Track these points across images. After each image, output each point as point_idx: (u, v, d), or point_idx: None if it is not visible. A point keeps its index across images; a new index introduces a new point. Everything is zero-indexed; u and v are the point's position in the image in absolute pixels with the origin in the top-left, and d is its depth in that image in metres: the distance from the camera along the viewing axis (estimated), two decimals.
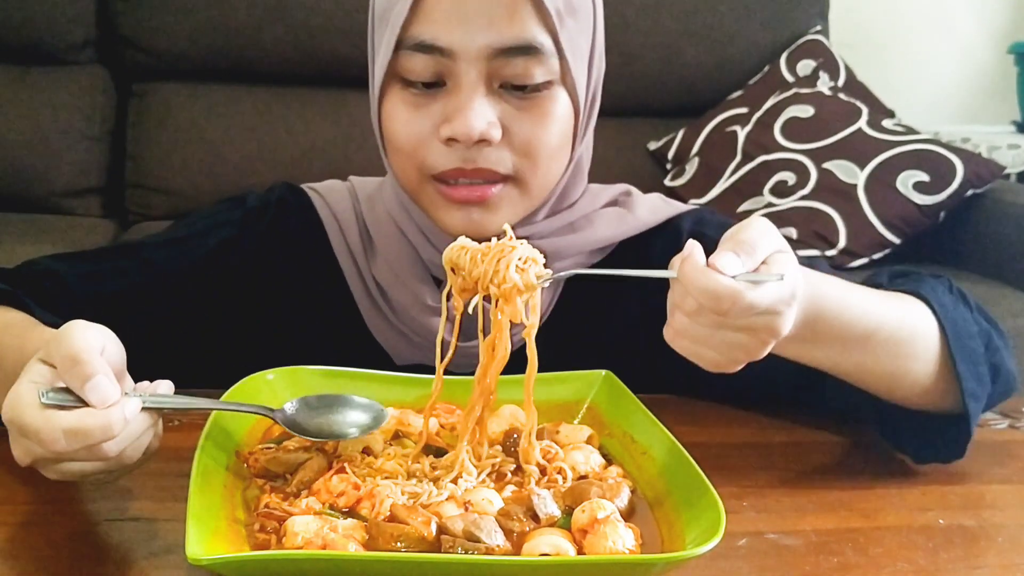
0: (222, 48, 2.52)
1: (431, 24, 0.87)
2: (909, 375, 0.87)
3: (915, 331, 0.87)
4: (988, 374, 0.90)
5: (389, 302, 1.00)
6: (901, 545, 0.76)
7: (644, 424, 0.84)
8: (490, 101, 0.89)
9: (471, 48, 0.87)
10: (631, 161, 2.63)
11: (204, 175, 2.48)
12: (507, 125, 0.90)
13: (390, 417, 0.86)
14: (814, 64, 2.65)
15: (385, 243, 1.00)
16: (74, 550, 0.70)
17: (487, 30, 0.86)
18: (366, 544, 0.67)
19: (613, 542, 0.67)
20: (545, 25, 0.88)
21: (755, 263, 0.71)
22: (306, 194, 1.07)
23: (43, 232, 2.24)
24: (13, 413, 0.68)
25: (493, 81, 0.89)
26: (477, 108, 0.87)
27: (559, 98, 0.91)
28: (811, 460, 0.92)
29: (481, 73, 0.88)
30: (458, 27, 0.86)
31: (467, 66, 0.87)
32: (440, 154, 0.90)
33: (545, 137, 0.91)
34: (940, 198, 2.29)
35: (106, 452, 0.67)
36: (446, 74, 0.89)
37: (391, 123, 0.92)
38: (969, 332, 0.90)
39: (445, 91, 0.89)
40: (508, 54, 0.87)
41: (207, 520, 0.66)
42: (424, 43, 0.87)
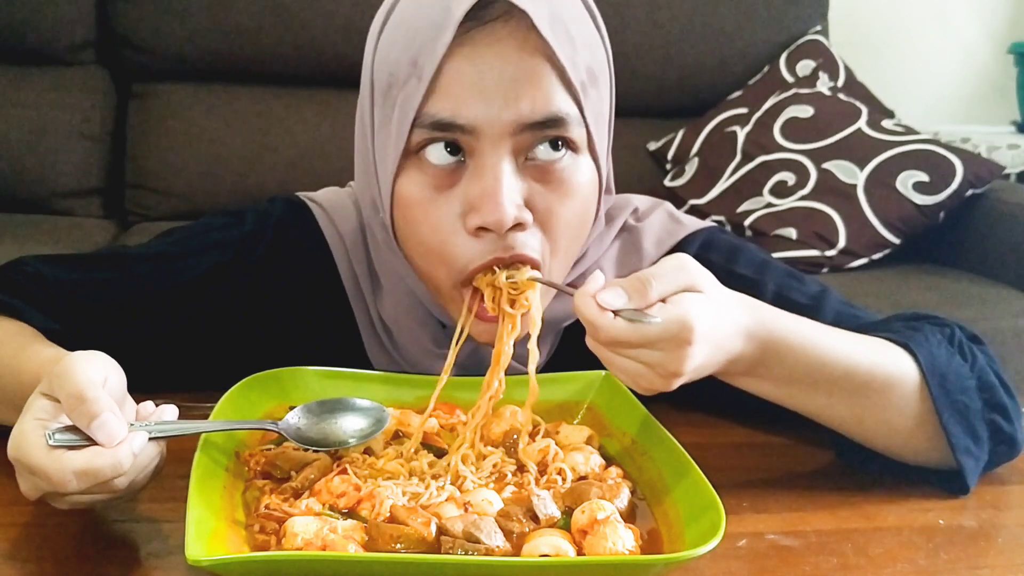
0: (222, 49, 2.52)
1: (450, 101, 0.79)
2: (882, 424, 0.85)
3: (889, 381, 0.84)
4: (985, 430, 0.86)
5: (393, 339, 0.97)
6: (901, 545, 0.76)
7: (644, 425, 0.84)
8: (517, 181, 0.81)
9: (495, 124, 0.79)
10: (631, 161, 2.63)
11: (204, 176, 2.47)
12: (533, 203, 0.83)
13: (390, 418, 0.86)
14: (814, 64, 2.65)
15: (390, 280, 0.96)
16: (75, 551, 0.70)
17: (511, 104, 0.79)
18: (366, 545, 0.67)
19: (613, 543, 0.67)
20: (571, 95, 0.82)
21: (645, 300, 0.71)
22: (309, 210, 1.01)
23: (43, 233, 2.23)
24: (19, 452, 0.67)
25: (518, 157, 0.82)
26: (506, 192, 0.79)
27: (584, 168, 0.85)
28: (811, 460, 0.92)
29: (506, 150, 0.80)
30: (480, 102, 0.79)
31: (491, 144, 0.80)
32: (470, 248, 0.82)
33: (571, 213, 0.85)
34: (940, 198, 2.29)
35: (116, 487, 0.68)
36: (467, 153, 0.81)
37: (410, 212, 0.84)
38: (962, 387, 0.86)
39: (466, 171, 0.82)
40: (534, 128, 0.80)
41: (207, 521, 0.66)
42: (442, 121, 0.79)
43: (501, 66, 0.79)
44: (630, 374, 0.74)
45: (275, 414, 0.89)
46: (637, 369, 0.73)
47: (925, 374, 0.84)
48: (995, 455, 0.86)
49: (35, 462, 0.66)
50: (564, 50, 0.80)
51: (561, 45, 0.80)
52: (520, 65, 0.79)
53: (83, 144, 2.47)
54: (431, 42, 0.79)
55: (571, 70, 0.81)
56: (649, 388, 0.75)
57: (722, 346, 0.75)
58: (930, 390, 0.84)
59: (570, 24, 0.82)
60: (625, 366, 0.73)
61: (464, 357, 0.89)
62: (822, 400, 0.84)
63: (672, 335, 0.71)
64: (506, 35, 0.79)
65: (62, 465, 0.65)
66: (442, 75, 0.79)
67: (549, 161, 0.83)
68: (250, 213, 1.01)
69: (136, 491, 0.71)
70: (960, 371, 0.87)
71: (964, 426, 0.84)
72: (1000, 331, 2.04)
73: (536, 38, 0.79)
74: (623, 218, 1.01)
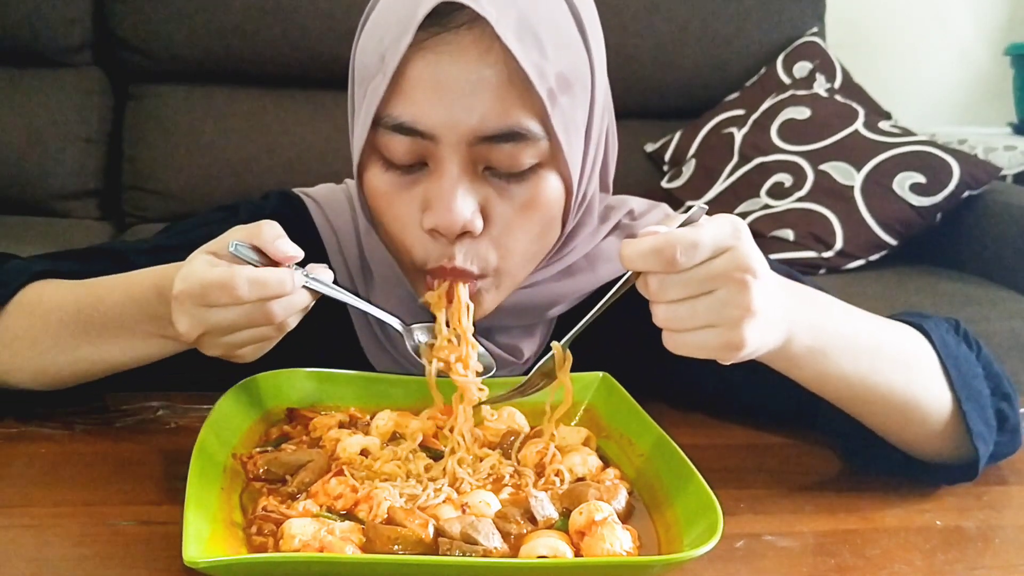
0: (219, 50, 2.51)
1: (411, 105, 0.79)
2: (919, 406, 0.84)
3: (918, 356, 0.84)
4: (994, 417, 0.86)
5: (386, 331, 0.97)
6: (899, 546, 0.76)
7: (641, 426, 0.84)
8: (473, 187, 0.81)
9: (453, 132, 0.79)
10: (628, 163, 2.62)
11: (201, 177, 2.47)
12: (489, 212, 0.83)
13: (388, 419, 0.86)
14: (810, 66, 2.65)
15: (382, 272, 0.97)
16: (73, 553, 0.70)
17: (469, 113, 0.78)
18: (363, 547, 0.67)
19: (611, 544, 0.67)
20: (533, 110, 0.80)
21: (676, 224, 0.72)
22: (303, 203, 1.03)
23: (39, 235, 2.23)
24: (191, 278, 0.75)
25: (477, 165, 0.81)
26: (459, 198, 0.80)
27: (547, 180, 0.83)
28: (809, 462, 0.92)
29: (464, 158, 0.80)
30: (439, 108, 0.79)
31: (449, 150, 0.80)
32: (424, 246, 0.84)
33: (528, 227, 0.84)
34: (936, 200, 2.29)
35: (274, 314, 0.76)
36: (427, 156, 0.81)
37: (375, 201, 0.86)
38: (974, 372, 0.87)
39: (427, 173, 0.82)
40: (493, 140, 0.79)
41: (204, 523, 0.66)
42: (403, 125, 0.80)
43: (461, 74, 0.78)
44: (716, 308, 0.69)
45: (273, 415, 0.89)
46: (717, 298, 0.69)
47: (940, 356, 0.84)
48: (999, 445, 0.86)
49: (213, 275, 0.74)
50: (530, 58, 0.78)
51: (527, 53, 0.78)
52: (481, 75, 0.78)
53: (80, 146, 2.46)
54: (395, 41, 0.79)
55: (537, 80, 0.79)
56: (739, 315, 0.70)
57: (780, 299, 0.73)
58: (946, 371, 0.84)
59: (541, 30, 0.80)
60: (708, 303, 0.69)
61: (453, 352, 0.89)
62: (867, 369, 0.82)
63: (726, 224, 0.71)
64: (469, 43, 0.78)
65: (239, 272, 0.74)
66: (404, 76, 0.79)
67: (508, 174, 0.82)
68: (244, 206, 1.03)
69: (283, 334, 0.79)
70: (968, 358, 0.87)
71: (979, 411, 0.84)
72: (997, 332, 2.04)
73: (500, 47, 0.78)
74: (617, 218, 1.00)
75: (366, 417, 0.88)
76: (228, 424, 0.82)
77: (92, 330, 0.87)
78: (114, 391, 0.97)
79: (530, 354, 0.97)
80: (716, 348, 0.71)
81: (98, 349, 0.87)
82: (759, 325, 0.70)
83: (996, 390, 0.88)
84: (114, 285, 0.87)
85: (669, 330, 0.71)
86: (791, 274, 0.98)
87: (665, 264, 0.69)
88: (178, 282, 0.76)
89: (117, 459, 0.85)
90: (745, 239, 0.71)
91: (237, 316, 0.75)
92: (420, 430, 0.85)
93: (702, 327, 0.70)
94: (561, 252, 0.94)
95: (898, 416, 0.84)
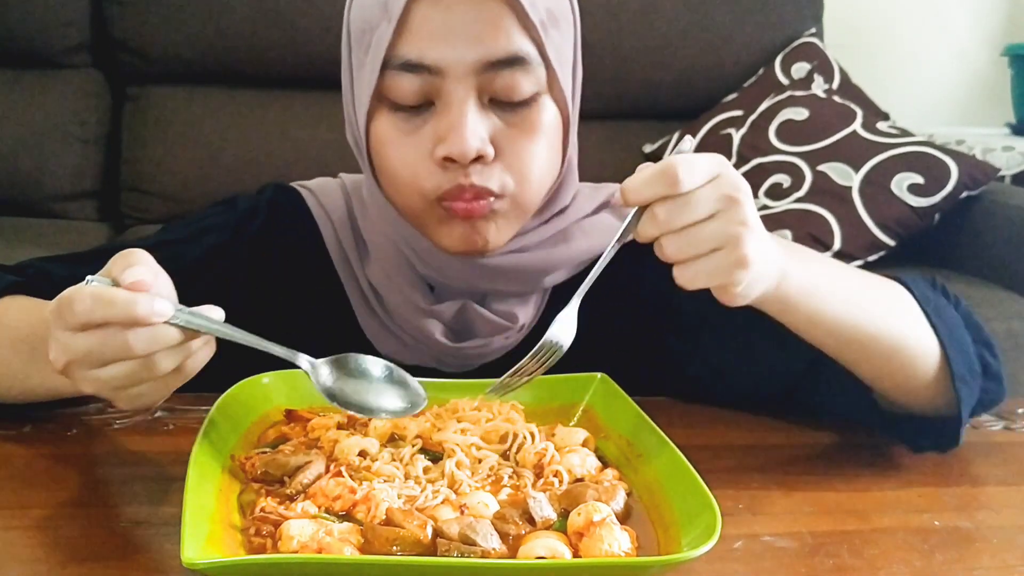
0: (217, 51, 2.52)
1: (418, 42, 0.85)
2: (905, 349, 0.87)
3: (902, 303, 0.89)
4: (978, 363, 0.90)
5: (383, 304, 1.00)
6: (897, 547, 0.76)
7: (640, 427, 0.84)
8: (481, 117, 0.87)
9: (459, 64, 0.85)
10: (626, 164, 2.61)
11: (199, 178, 2.47)
12: (498, 141, 0.88)
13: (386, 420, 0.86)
14: (808, 67, 2.65)
15: (377, 245, 1.00)
16: (72, 555, 0.70)
17: (474, 45, 0.85)
18: (362, 548, 0.67)
19: (609, 545, 0.67)
20: (530, 36, 0.87)
21: None
22: (298, 192, 1.06)
23: (37, 236, 2.23)
24: (53, 302, 0.71)
25: (483, 96, 0.88)
26: (471, 125, 0.86)
27: (547, 108, 0.90)
28: (807, 462, 0.92)
29: (470, 89, 0.86)
30: (445, 44, 0.85)
31: (456, 83, 0.86)
32: (438, 176, 0.88)
33: (535, 151, 0.90)
34: (935, 200, 2.29)
35: (130, 344, 0.70)
36: (434, 93, 0.87)
37: (384, 149, 0.90)
38: (955, 322, 0.91)
39: (434, 111, 0.88)
40: (496, 67, 0.86)
41: (203, 524, 0.66)
42: (411, 62, 0.86)
43: (464, 10, 0.85)
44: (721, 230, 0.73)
45: (271, 416, 0.89)
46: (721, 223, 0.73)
47: (922, 305, 0.89)
48: (985, 392, 0.91)
49: (64, 296, 0.70)
50: None
51: None
52: (482, 8, 0.86)
53: (78, 147, 2.47)
54: None
55: (531, 11, 0.86)
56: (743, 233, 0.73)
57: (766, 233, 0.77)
58: (929, 320, 0.88)
59: None
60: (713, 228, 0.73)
61: (450, 319, 0.96)
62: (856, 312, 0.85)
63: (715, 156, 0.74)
64: None
65: (82, 289, 0.70)
66: (410, 18, 0.85)
67: (512, 101, 0.88)
68: (241, 198, 1.07)
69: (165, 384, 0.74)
70: (949, 309, 0.92)
71: (962, 356, 0.89)
72: (995, 333, 2.00)
73: None
74: (607, 191, 1.04)
75: (364, 418, 0.88)
76: (226, 425, 0.82)
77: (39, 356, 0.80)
78: None
79: (525, 321, 0.99)
80: (726, 269, 0.74)
81: (43, 376, 0.82)
82: (757, 242, 0.74)
83: (977, 338, 0.92)
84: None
85: (679, 262, 0.74)
86: None
87: (670, 185, 0.72)
88: (50, 305, 0.73)
89: (115, 460, 0.85)
90: (728, 165, 0.75)
91: (93, 343, 0.70)
92: (418, 432, 0.85)
93: (710, 251, 0.73)
94: (553, 209, 0.98)
95: (885, 360, 0.88)
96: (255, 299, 1.01)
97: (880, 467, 0.91)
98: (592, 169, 1.14)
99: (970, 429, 1.02)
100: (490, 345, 0.98)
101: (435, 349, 0.98)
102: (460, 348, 0.97)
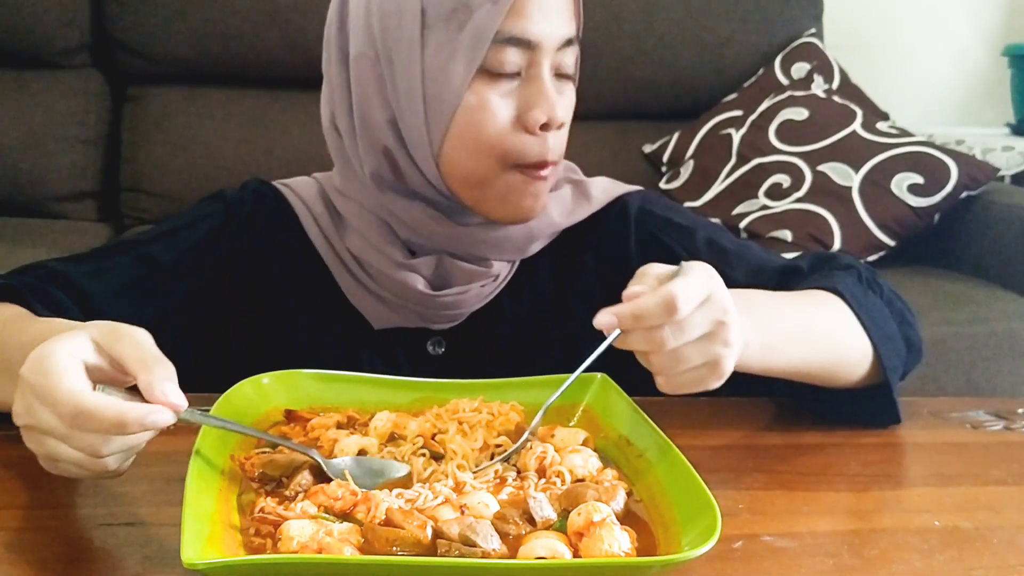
0: (217, 52, 2.51)
1: (522, 20, 0.94)
2: (847, 362, 0.97)
3: (840, 323, 0.97)
4: (904, 349, 1.01)
5: (364, 268, 1.05)
6: (897, 547, 0.76)
7: (639, 427, 0.84)
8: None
9: (551, 39, 0.95)
10: (626, 164, 2.63)
11: (199, 179, 2.47)
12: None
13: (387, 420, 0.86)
14: (808, 67, 2.65)
15: (354, 215, 1.06)
16: (70, 555, 0.70)
17: (561, 24, 0.96)
18: (362, 548, 0.67)
19: (609, 545, 0.67)
20: (577, 20, 0.99)
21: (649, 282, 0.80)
22: (277, 188, 1.14)
23: (38, 236, 2.23)
24: (46, 379, 0.67)
25: (553, 70, 0.98)
26: (555, 95, 0.97)
27: (573, 86, 1.01)
28: (807, 463, 0.92)
29: (552, 63, 0.97)
30: (543, 22, 0.95)
31: (545, 57, 0.96)
32: (526, 143, 0.97)
33: (570, 124, 1.01)
34: (934, 200, 2.29)
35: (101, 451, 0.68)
36: (526, 65, 0.96)
37: (480, 115, 0.96)
38: (883, 315, 1.00)
39: (522, 81, 0.97)
40: (567, 45, 0.97)
41: (203, 524, 0.66)
42: (515, 37, 0.94)
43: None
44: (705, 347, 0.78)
45: (271, 416, 0.89)
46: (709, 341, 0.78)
47: (854, 310, 0.97)
48: (908, 365, 1.03)
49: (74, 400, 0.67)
50: None
51: None
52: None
53: (78, 147, 2.46)
54: None
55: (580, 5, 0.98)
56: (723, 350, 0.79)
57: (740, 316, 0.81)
58: (862, 322, 0.97)
59: None
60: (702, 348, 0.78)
61: (429, 274, 1.02)
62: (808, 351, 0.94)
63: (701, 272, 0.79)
64: None
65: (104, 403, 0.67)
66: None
67: (566, 76, 0.99)
68: (227, 190, 1.13)
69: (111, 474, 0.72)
70: (876, 303, 1.01)
71: (893, 349, 0.99)
72: (995, 333, 2.04)
73: None
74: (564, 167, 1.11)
75: (364, 418, 0.88)
76: None
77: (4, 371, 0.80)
78: None
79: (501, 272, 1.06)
80: (706, 381, 0.80)
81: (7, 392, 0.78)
82: (736, 356, 0.80)
83: (902, 322, 1.02)
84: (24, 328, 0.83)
85: (664, 375, 0.80)
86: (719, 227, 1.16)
87: (669, 315, 0.76)
88: (29, 363, 0.70)
89: None
90: (718, 281, 0.80)
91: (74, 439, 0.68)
92: (419, 432, 0.85)
93: (695, 367, 0.79)
94: None
95: (830, 375, 0.98)
96: (250, 279, 1.08)
97: (880, 467, 0.91)
98: (592, 169, 1.14)
99: (970, 429, 1.02)
100: (468, 292, 1.04)
101: (417, 302, 1.03)
102: (440, 296, 1.02)
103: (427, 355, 1.06)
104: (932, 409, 1.08)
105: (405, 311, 1.04)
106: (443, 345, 1.07)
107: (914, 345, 1.04)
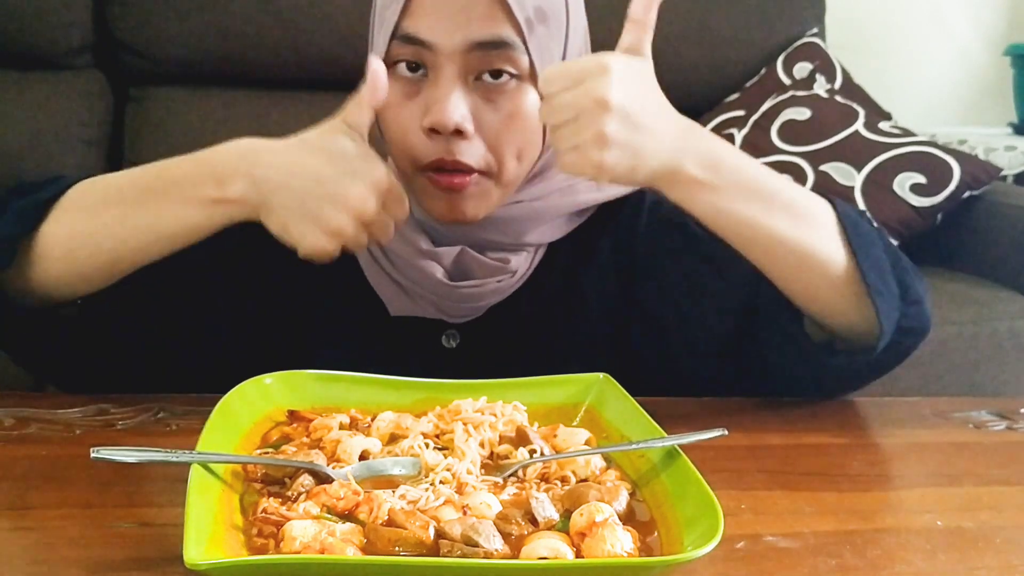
0: (220, 53, 2.51)
1: (417, 19, 0.95)
2: (815, 256, 0.93)
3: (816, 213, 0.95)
4: (895, 285, 0.95)
5: (387, 253, 1.06)
6: (899, 547, 0.76)
7: (642, 427, 0.84)
8: (464, 95, 0.96)
9: (448, 42, 0.94)
10: None
11: None
12: (479, 119, 0.96)
13: (390, 421, 0.86)
14: (811, 67, 2.65)
15: None
16: (72, 555, 0.70)
17: (462, 26, 0.94)
18: (364, 548, 0.67)
19: (611, 545, 0.67)
20: (515, 28, 0.95)
21: None
22: None
23: None
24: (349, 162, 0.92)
25: (468, 76, 0.96)
26: (454, 100, 0.94)
27: (528, 95, 0.98)
28: (809, 463, 0.92)
29: (458, 67, 0.95)
30: (437, 22, 0.94)
31: (446, 60, 0.95)
32: (425, 145, 0.97)
33: (512, 131, 0.98)
34: (937, 200, 2.29)
35: None
36: (428, 66, 0.96)
37: (386, 111, 0.98)
38: (873, 242, 0.96)
39: (428, 83, 0.97)
40: (482, 49, 0.95)
41: (205, 525, 0.66)
42: (409, 35, 0.95)
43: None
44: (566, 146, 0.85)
45: (274, 417, 0.89)
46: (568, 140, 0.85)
47: (841, 221, 0.95)
48: (906, 318, 0.95)
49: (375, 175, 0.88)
50: None
51: None
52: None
53: (80, 148, 2.46)
54: None
55: (516, 7, 0.95)
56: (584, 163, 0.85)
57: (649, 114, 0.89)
58: (846, 233, 0.94)
59: None
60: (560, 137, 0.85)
61: (449, 264, 1.03)
62: (764, 216, 0.92)
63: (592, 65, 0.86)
64: None
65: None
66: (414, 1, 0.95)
67: (494, 83, 0.96)
68: None
69: None
70: (870, 232, 0.97)
71: (877, 272, 0.94)
72: (998, 332, 2.04)
73: None
74: None
75: (367, 419, 0.88)
76: (228, 426, 0.82)
77: (150, 196, 0.96)
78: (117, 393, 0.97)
79: (518, 267, 1.07)
80: (584, 167, 0.86)
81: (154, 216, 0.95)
82: (616, 151, 0.85)
83: (896, 264, 0.97)
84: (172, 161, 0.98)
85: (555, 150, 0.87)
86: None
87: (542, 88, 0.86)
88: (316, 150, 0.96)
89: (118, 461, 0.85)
90: (613, 75, 0.86)
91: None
92: (421, 432, 0.85)
93: (570, 148, 0.85)
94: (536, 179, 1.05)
95: (795, 265, 0.94)
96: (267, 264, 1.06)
97: (882, 467, 0.91)
98: None
99: (973, 429, 1.02)
100: (486, 286, 1.04)
101: (434, 291, 1.04)
102: (458, 287, 1.03)
103: (441, 348, 1.07)
104: (935, 409, 1.08)
105: (423, 300, 1.05)
106: (457, 339, 1.07)
107: (912, 293, 0.96)
